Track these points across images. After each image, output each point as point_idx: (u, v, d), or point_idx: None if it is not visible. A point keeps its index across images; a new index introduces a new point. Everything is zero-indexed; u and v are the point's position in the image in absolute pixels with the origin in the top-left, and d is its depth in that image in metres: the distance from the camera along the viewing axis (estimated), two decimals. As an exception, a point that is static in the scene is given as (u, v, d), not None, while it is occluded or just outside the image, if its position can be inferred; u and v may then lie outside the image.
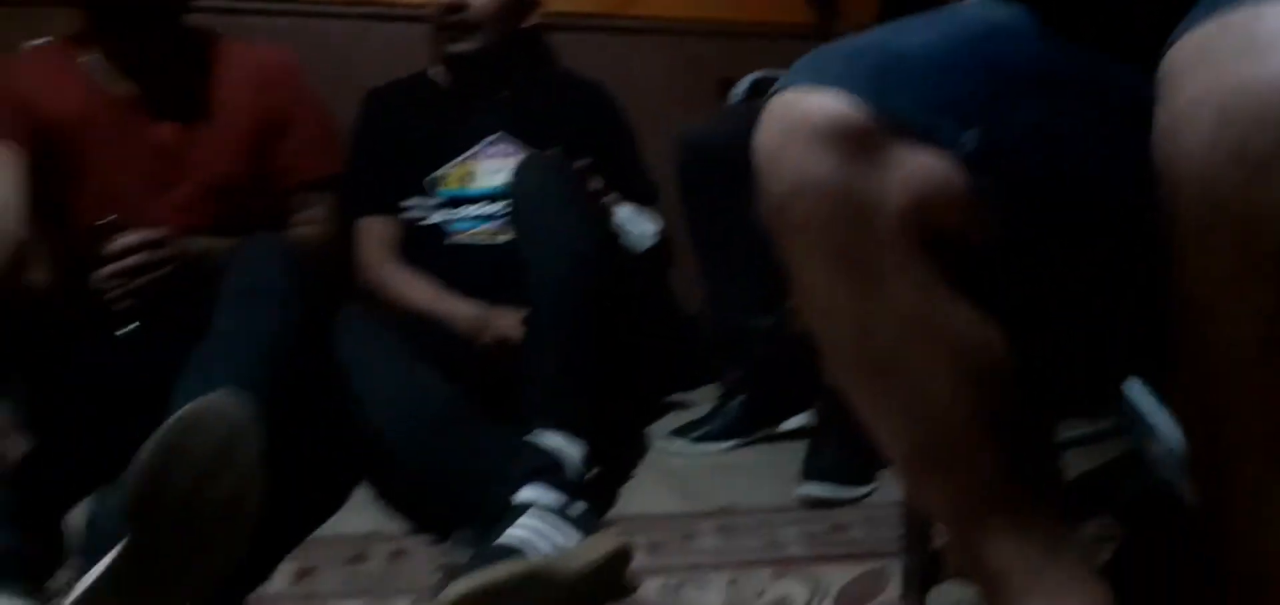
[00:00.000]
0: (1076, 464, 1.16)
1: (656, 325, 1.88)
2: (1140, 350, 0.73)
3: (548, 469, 1.23)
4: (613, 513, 1.43)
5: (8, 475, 1.15)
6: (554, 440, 1.28)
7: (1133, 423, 0.90)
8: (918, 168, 0.69)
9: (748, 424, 1.71)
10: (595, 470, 1.35)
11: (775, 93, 0.73)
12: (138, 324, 1.43)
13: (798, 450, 1.52)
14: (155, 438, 0.98)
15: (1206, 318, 0.50)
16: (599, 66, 2.04)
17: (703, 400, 1.85)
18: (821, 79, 0.70)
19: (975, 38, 0.73)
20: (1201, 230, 0.48)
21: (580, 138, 1.80)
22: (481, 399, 1.39)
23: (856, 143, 0.68)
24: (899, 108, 0.68)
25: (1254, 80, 0.45)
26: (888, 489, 1.45)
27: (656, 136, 1.94)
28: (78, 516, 1.31)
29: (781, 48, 2.22)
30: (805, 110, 0.70)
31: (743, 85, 1.96)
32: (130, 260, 1.41)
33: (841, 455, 1.45)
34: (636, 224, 1.71)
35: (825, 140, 0.69)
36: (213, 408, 1.02)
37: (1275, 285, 0.46)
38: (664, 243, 1.84)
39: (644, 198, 1.89)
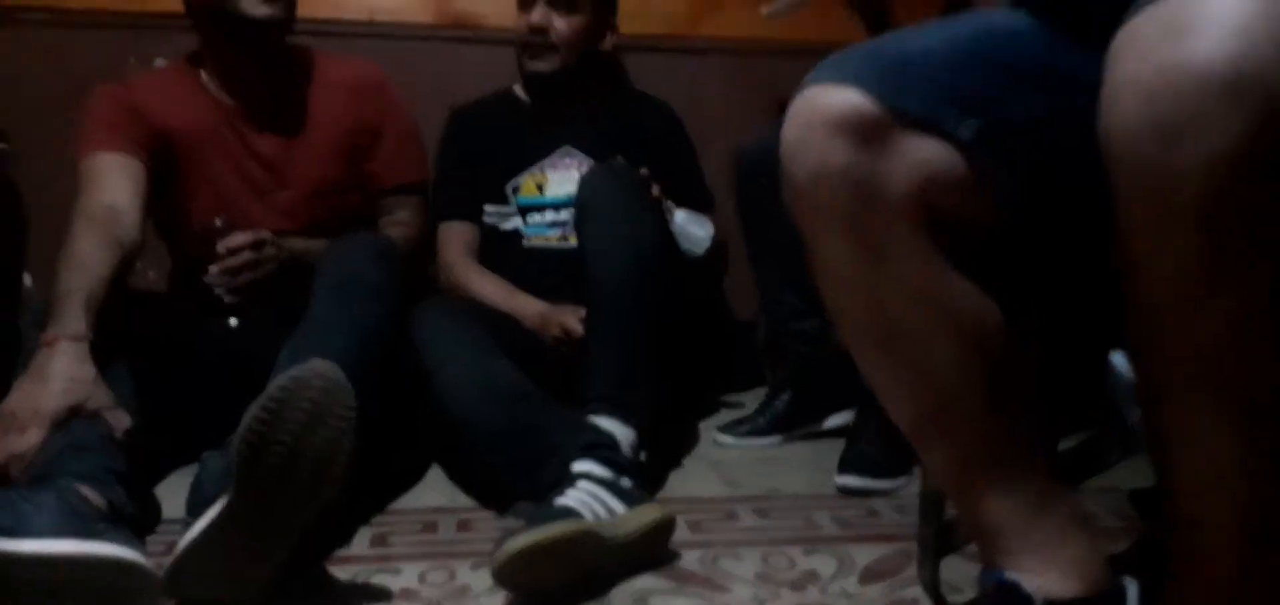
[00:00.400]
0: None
1: (710, 326, 1.98)
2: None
3: (602, 446, 1.34)
4: (660, 494, 1.52)
5: (118, 444, 1.28)
6: (609, 423, 1.38)
7: (1115, 391, 0.96)
8: (923, 154, 0.78)
9: (792, 421, 1.80)
10: (645, 455, 1.44)
11: (799, 92, 0.83)
12: (239, 318, 1.58)
13: (838, 446, 1.60)
14: (258, 401, 1.12)
15: (1136, 271, 0.58)
16: (666, 85, 2.17)
17: (754, 401, 1.93)
18: (840, 76, 0.80)
19: (979, 37, 0.82)
20: (1130, 194, 0.56)
21: (643, 150, 1.91)
22: (547, 386, 1.50)
23: (868, 132, 0.78)
24: (906, 101, 0.77)
25: (1172, 62, 0.53)
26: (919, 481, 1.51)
27: (718, 151, 2.05)
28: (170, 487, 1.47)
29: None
30: (824, 104, 0.79)
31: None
32: (236, 259, 1.56)
33: (877, 450, 1.53)
34: (694, 228, 1.81)
35: (841, 130, 0.78)
36: (309, 373, 1.16)
37: (1189, 238, 0.54)
38: (720, 249, 1.94)
39: (701, 207, 1.99)
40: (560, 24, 1.88)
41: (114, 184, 1.54)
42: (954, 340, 0.80)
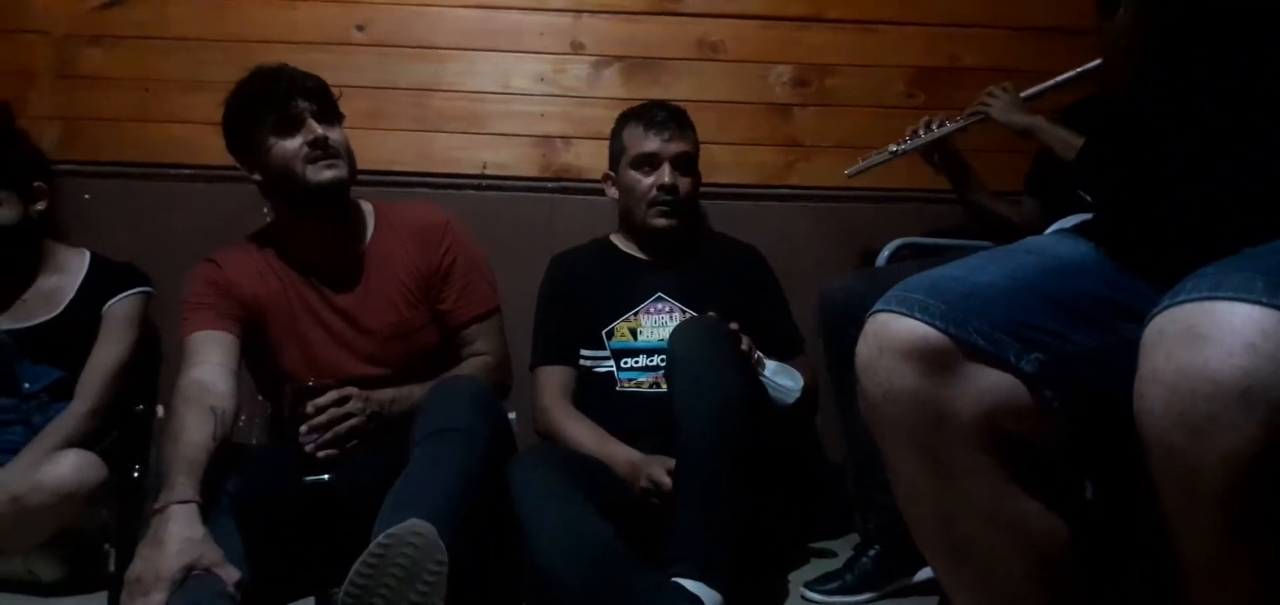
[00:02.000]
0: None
1: (799, 472, 1.99)
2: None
3: (686, 612, 1.37)
4: (748, 658, 1.53)
5: (230, 598, 1.40)
6: (694, 586, 1.42)
7: None
8: (987, 384, 0.82)
9: (882, 576, 1.78)
10: (730, 618, 1.47)
11: (872, 314, 0.89)
12: (328, 476, 1.66)
13: (929, 602, 1.59)
14: (360, 559, 1.24)
15: (1170, 535, 0.62)
16: (758, 231, 2.25)
17: (846, 548, 1.93)
18: (909, 307, 0.85)
19: (1041, 271, 0.86)
20: (1160, 473, 0.61)
21: (733, 297, 1.97)
22: (636, 537, 1.54)
23: (936, 361, 0.83)
24: (971, 334, 0.82)
25: (1192, 367, 0.58)
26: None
27: (808, 294, 2.09)
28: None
29: (924, 212, 2.39)
30: (894, 331, 0.85)
31: (889, 248, 2.10)
32: (323, 418, 1.67)
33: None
34: (783, 379, 1.85)
35: (910, 357, 0.84)
36: (406, 532, 1.28)
37: (1213, 518, 0.59)
38: (810, 395, 1.97)
39: (791, 348, 2.04)
40: (683, 183, 2.00)
41: (208, 358, 1.69)
42: (1020, 558, 0.83)
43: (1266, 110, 0.80)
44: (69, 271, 1.98)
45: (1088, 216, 0.99)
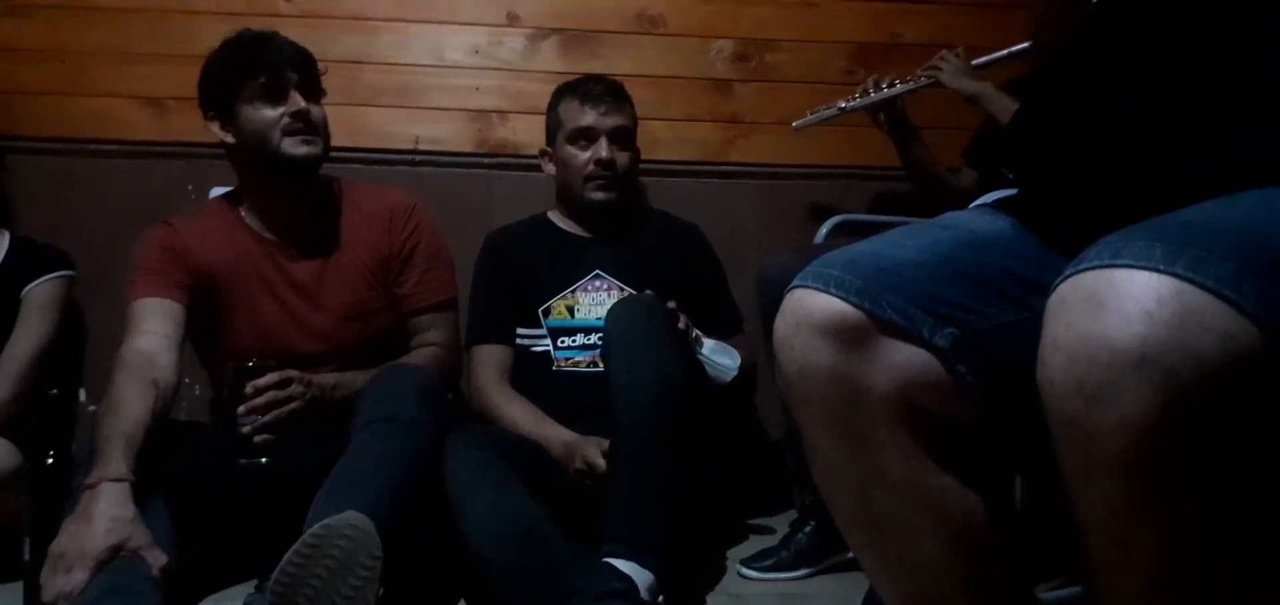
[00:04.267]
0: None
1: (738, 450, 1.99)
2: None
3: (617, 594, 1.36)
4: (681, 636, 1.53)
5: (156, 582, 1.35)
6: (628, 565, 1.41)
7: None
8: (902, 359, 0.81)
9: (817, 553, 1.79)
10: (662, 598, 1.46)
11: (789, 290, 0.87)
12: (264, 459, 1.62)
13: (862, 582, 1.59)
14: (292, 549, 1.22)
15: (1072, 500, 0.62)
16: (700, 208, 2.24)
17: (784, 525, 1.92)
18: (825, 283, 0.84)
19: (957, 246, 0.86)
20: (1060, 441, 0.61)
21: (672, 275, 1.97)
22: (571, 519, 1.52)
23: (851, 337, 0.82)
24: (886, 309, 0.81)
25: (1090, 334, 0.58)
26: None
27: (749, 272, 2.09)
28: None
29: (865, 189, 2.40)
30: (810, 307, 0.84)
31: (827, 225, 2.10)
32: (261, 399, 1.63)
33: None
34: (721, 358, 1.84)
35: (825, 333, 0.82)
36: (341, 523, 1.25)
37: (1111, 486, 0.59)
38: (749, 372, 1.97)
39: (730, 326, 2.03)
40: (621, 158, 1.98)
41: (152, 327, 1.64)
42: (937, 532, 0.83)
43: (1185, 84, 0.80)
44: (-12, 253, 1.91)
45: (1011, 192, 0.99)
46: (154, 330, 1.64)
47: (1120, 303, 0.57)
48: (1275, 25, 0.77)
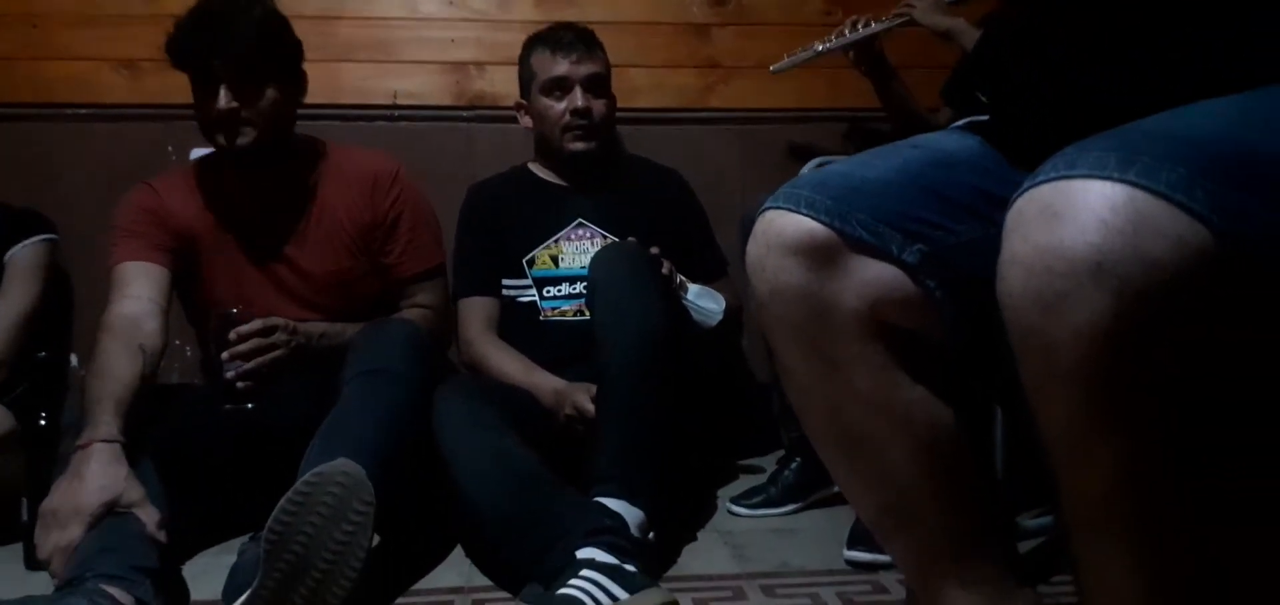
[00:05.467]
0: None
1: (726, 392, 2.01)
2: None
3: (607, 530, 1.38)
4: (672, 572, 1.55)
5: (149, 538, 1.35)
6: (617, 504, 1.43)
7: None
8: (871, 276, 0.83)
9: (804, 488, 1.82)
10: (654, 534, 1.48)
11: (760, 212, 0.88)
12: (250, 405, 1.63)
13: (850, 515, 1.62)
14: (285, 497, 1.23)
15: (1034, 413, 0.63)
16: (680, 155, 2.24)
17: (773, 464, 1.95)
18: (795, 203, 0.85)
19: (926, 164, 0.87)
20: (1020, 353, 0.62)
21: (655, 222, 1.97)
22: (561, 464, 1.54)
23: (821, 255, 0.83)
24: (855, 227, 0.82)
25: (1047, 244, 0.59)
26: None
27: (732, 217, 2.09)
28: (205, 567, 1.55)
29: (845, 131, 2.40)
30: (780, 228, 0.85)
31: (807, 168, 2.10)
32: (245, 346, 1.63)
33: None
34: (705, 302, 1.85)
35: (796, 253, 0.84)
36: (333, 470, 1.26)
37: (1070, 396, 0.60)
38: (735, 316, 1.98)
39: (715, 271, 2.04)
40: (597, 105, 1.97)
41: (137, 292, 1.63)
42: (907, 446, 0.85)
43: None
44: (-34, 221, 1.90)
45: (983, 117, 0.99)
46: (139, 294, 1.63)
47: (1075, 213, 0.58)
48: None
